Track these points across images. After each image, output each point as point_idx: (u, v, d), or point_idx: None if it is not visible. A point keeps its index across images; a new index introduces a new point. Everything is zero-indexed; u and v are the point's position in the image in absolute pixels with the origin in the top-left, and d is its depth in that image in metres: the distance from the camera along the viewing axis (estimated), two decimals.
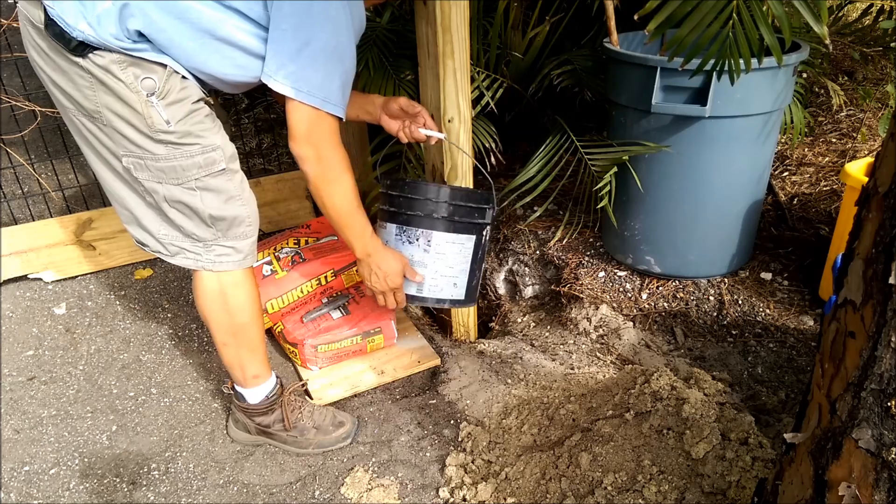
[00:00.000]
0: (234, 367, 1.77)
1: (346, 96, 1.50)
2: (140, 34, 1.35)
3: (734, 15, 1.48)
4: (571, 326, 2.35)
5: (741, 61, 1.55)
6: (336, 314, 2.12)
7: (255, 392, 1.81)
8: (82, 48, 1.33)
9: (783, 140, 3.07)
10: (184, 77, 1.44)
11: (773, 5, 1.47)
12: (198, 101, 1.47)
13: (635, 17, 1.63)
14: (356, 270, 1.93)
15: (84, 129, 1.47)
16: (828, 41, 1.49)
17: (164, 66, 1.40)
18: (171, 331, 2.34)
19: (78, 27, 1.31)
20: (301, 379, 2.08)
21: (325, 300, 2.16)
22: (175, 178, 1.47)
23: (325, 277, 2.11)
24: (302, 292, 2.08)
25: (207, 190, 1.50)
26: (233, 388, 1.87)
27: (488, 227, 1.85)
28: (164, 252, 1.61)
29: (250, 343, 1.74)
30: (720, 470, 1.50)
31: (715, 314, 2.27)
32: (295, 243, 2.18)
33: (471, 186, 2.04)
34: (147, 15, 1.34)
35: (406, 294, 1.81)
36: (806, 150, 3.01)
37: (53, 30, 1.33)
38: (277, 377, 1.88)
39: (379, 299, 1.83)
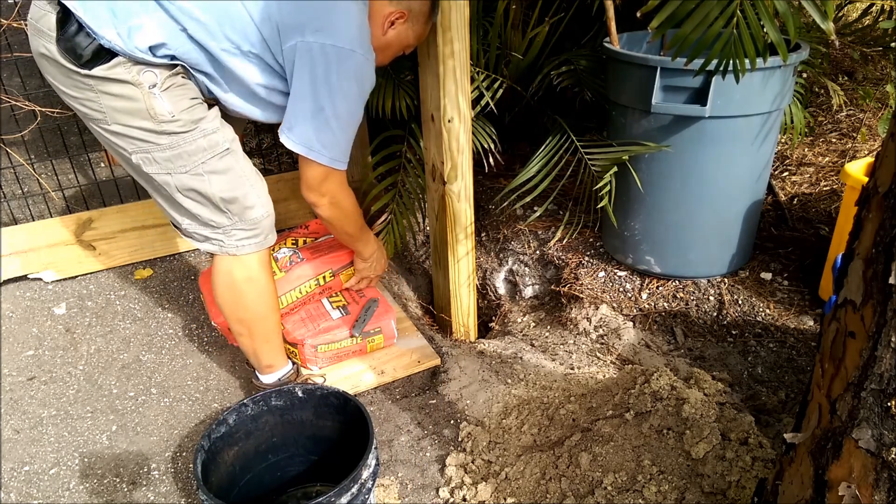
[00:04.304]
0: (250, 356, 1.88)
1: (350, 149, 1.68)
2: (170, 56, 1.45)
3: (738, 12, 1.47)
4: (571, 326, 2.35)
5: (746, 60, 1.54)
6: (335, 314, 2.12)
7: (270, 376, 1.93)
8: (97, 58, 1.38)
9: (783, 140, 3.07)
10: (186, 76, 1.51)
11: (777, 3, 1.46)
12: (195, 97, 1.53)
13: (638, 15, 1.62)
14: (353, 268, 2.17)
15: (95, 131, 1.54)
16: (833, 37, 1.48)
17: (173, 66, 1.47)
18: (171, 331, 2.34)
19: (105, 35, 1.36)
20: None
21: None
22: (183, 166, 1.53)
23: (324, 277, 2.11)
24: (301, 293, 2.08)
25: (215, 173, 1.56)
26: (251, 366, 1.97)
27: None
28: (193, 240, 1.70)
29: (263, 335, 1.82)
30: (720, 470, 1.50)
31: (715, 314, 2.27)
32: (293, 243, 2.18)
33: None
34: (182, 44, 1.45)
35: None
36: (806, 150, 3.01)
37: (65, 44, 1.37)
38: (294, 363, 1.99)
39: (366, 283, 2.20)
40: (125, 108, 1.45)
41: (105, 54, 1.39)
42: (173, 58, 1.45)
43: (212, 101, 1.61)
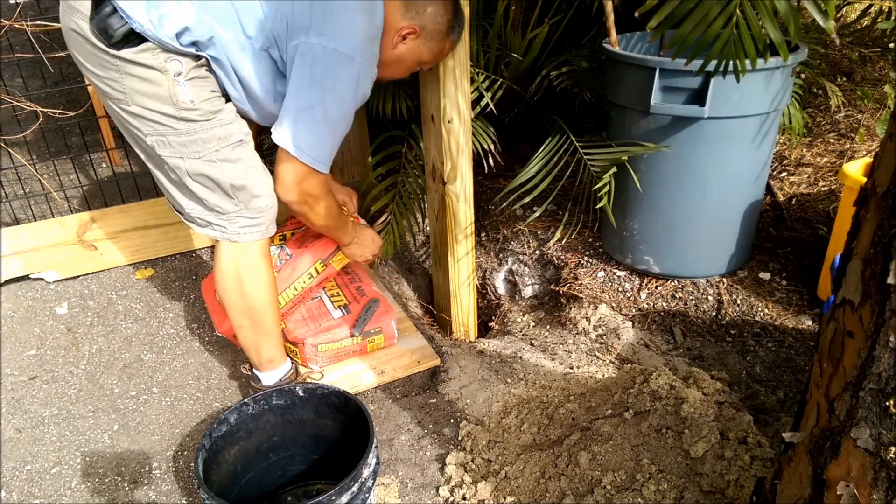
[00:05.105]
0: (250, 350, 1.87)
1: (333, 154, 1.67)
2: (193, 42, 1.49)
3: (738, 12, 1.47)
4: (571, 326, 2.35)
5: (746, 61, 1.54)
6: (337, 314, 2.12)
7: (270, 376, 1.91)
8: (127, 41, 1.43)
9: (782, 140, 3.08)
10: (208, 70, 1.55)
11: (777, 3, 1.46)
12: (215, 90, 1.57)
13: (636, 15, 1.62)
14: (345, 254, 2.14)
15: (112, 109, 1.58)
16: (834, 36, 1.48)
17: (199, 57, 1.51)
18: (172, 330, 2.34)
19: (138, 20, 1.41)
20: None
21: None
22: (196, 152, 1.57)
23: (316, 270, 2.09)
24: (296, 290, 2.07)
25: (227, 161, 1.60)
26: (251, 371, 1.95)
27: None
28: (195, 225, 1.72)
29: (264, 327, 1.83)
30: (719, 469, 1.50)
31: (714, 314, 2.27)
32: (280, 239, 2.17)
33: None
34: (204, 33, 1.48)
35: None
36: (804, 150, 3.01)
37: (99, 24, 1.42)
38: (293, 362, 1.98)
39: (367, 266, 2.24)
40: (148, 92, 1.49)
41: (135, 38, 1.44)
42: (197, 47, 1.50)
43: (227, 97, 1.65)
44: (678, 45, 1.55)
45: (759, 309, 2.23)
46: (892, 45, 2.72)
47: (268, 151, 3.36)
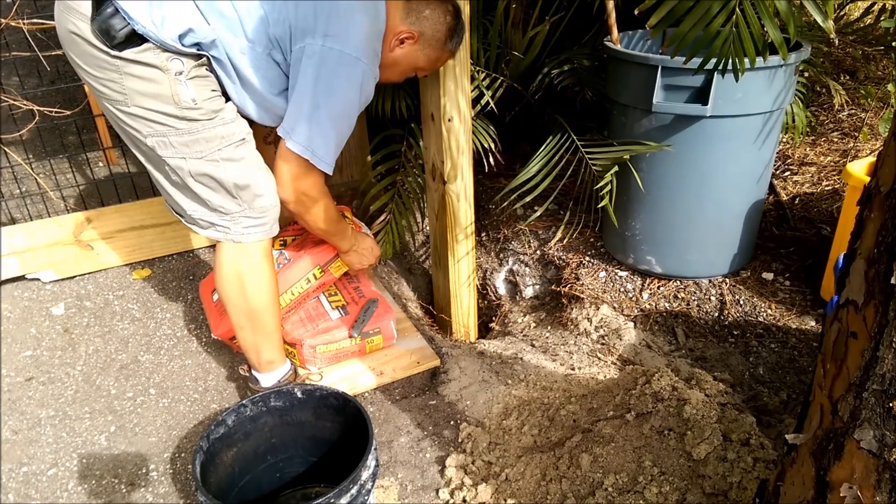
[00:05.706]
0: (250, 351, 1.85)
1: (337, 154, 1.66)
2: (195, 43, 1.49)
3: (737, 10, 1.46)
4: (572, 327, 2.34)
5: (745, 59, 1.53)
6: (334, 314, 2.11)
7: (269, 377, 1.89)
8: (128, 42, 1.42)
9: (785, 139, 3.07)
10: (209, 69, 1.55)
11: (777, 3, 1.45)
12: (216, 90, 1.57)
13: (636, 12, 1.61)
14: (342, 261, 2.11)
15: (109, 111, 1.57)
16: (833, 35, 1.48)
17: (200, 56, 1.51)
18: (169, 331, 2.33)
19: (140, 21, 1.41)
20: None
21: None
22: (199, 152, 1.56)
23: (314, 275, 2.08)
24: (293, 294, 2.06)
25: (230, 160, 1.59)
26: (249, 372, 1.94)
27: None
28: (197, 226, 1.70)
29: (265, 328, 1.82)
30: (721, 471, 1.49)
31: (716, 314, 2.26)
32: (281, 244, 2.16)
33: None
34: (206, 36, 1.48)
35: None
36: (807, 149, 3.00)
37: (100, 25, 1.41)
38: (292, 363, 1.97)
39: (367, 271, 2.25)
40: (148, 92, 1.48)
41: (136, 39, 1.43)
42: (199, 48, 1.49)
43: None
44: (678, 42, 1.54)
45: (762, 309, 2.21)
46: (894, 44, 2.70)
47: None
